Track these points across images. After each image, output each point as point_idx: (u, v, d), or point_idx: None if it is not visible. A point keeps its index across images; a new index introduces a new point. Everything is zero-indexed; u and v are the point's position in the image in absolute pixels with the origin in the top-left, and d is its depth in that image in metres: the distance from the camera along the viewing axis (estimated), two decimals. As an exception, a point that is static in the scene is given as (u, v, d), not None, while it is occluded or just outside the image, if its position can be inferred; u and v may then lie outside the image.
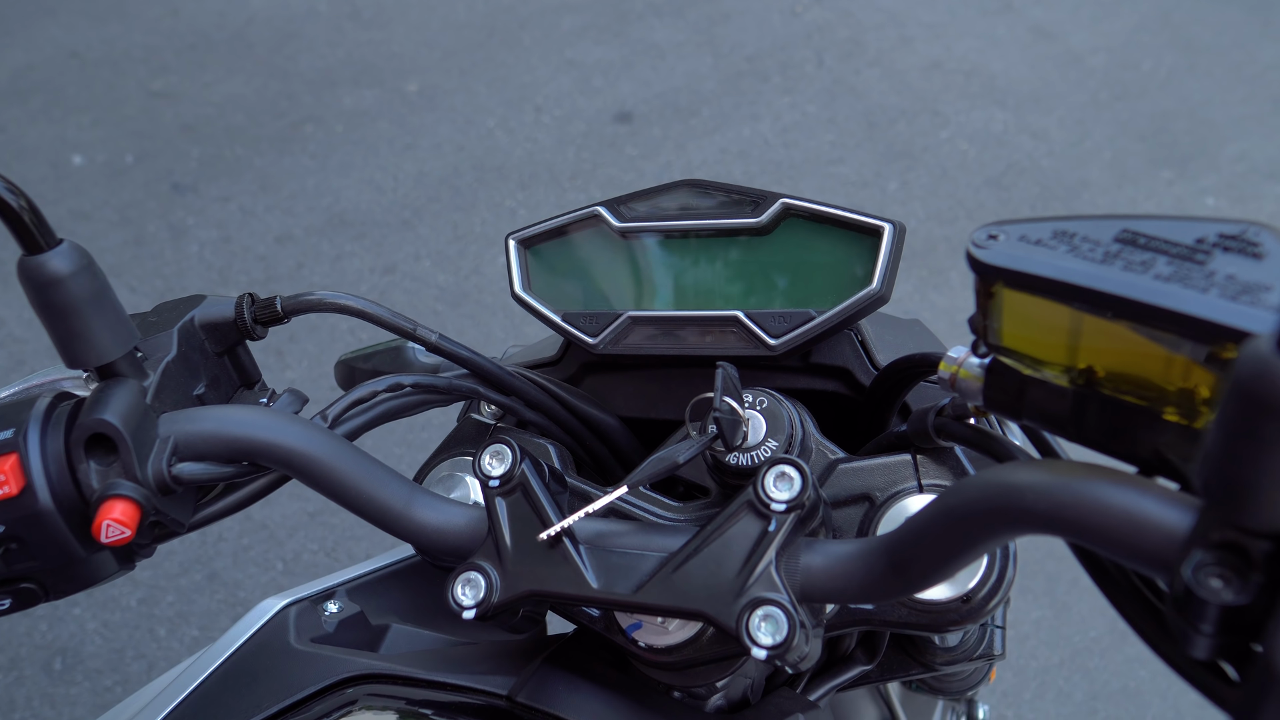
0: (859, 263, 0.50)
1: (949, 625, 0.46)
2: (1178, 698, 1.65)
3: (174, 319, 0.48)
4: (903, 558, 0.39)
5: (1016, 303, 0.34)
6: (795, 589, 0.41)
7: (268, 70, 2.85)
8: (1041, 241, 0.33)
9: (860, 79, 2.87)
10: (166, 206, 2.43)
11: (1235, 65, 2.99)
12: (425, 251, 2.32)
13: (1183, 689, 1.65)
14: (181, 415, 0.44)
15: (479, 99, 2.76)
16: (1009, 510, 0.33)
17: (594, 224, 0.55)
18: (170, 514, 0.43)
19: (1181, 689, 1.65)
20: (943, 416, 0.46)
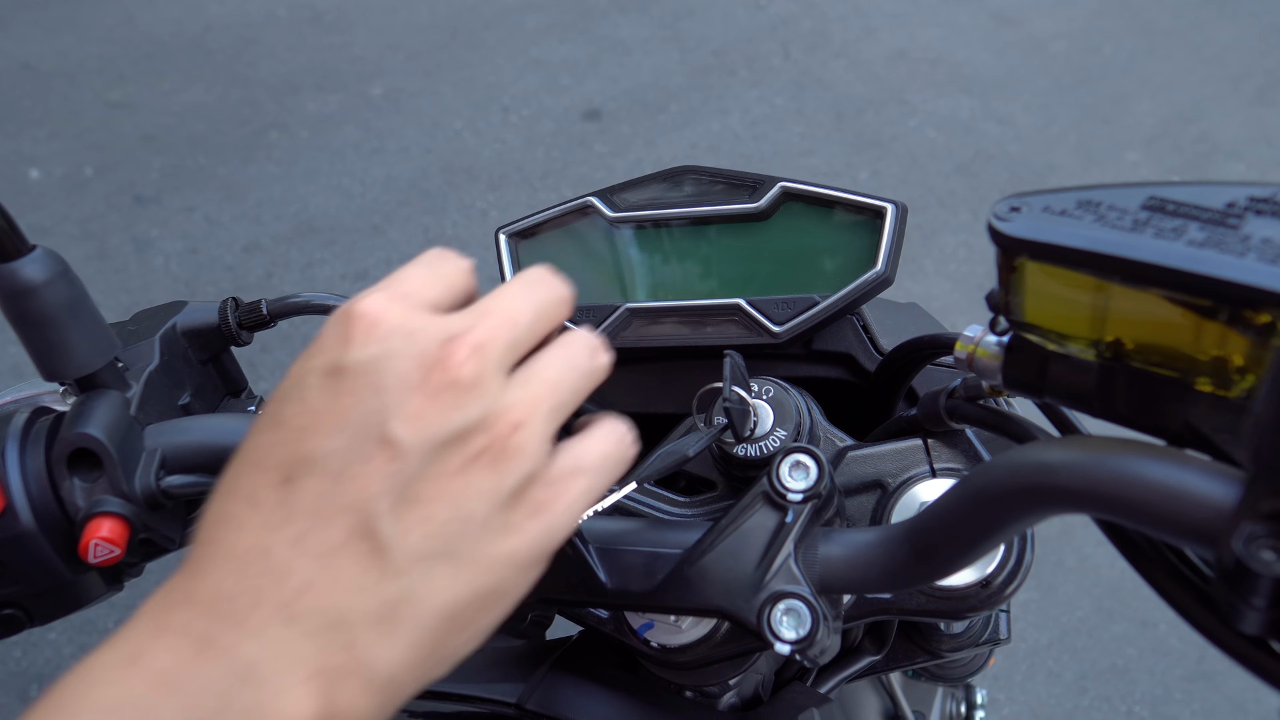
0: (861, 245, 0.49)
1: (968, 611, 0.45)
2: (1165, 673, 1.66)
3: (155, 327, 0.46)
4: (926, 543, 0.38)
5: (1041, 276, 0.33)
6: (815, 580, 0.40)
7: (228, 77, 2.80)
8: (1067, 212, 0.32)
9: (827, 70, 2.87)
10: (129, 219, 2.38)
11: (1194, 47, 3.02)
12: (397, 256, 2.29)
13: (1170, 665, 1.67)
14: (168, 426, 0.42)
15: (445, 101, 2.73)
16: (1042, 489, 0.32)
17: (587, 215, 0.54)
18: (160, 530, 0.41)
19: (1169, 665, 1.67)
20: (954, 398, 0.45)
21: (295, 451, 0.29)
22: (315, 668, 0.27)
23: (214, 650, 0.26)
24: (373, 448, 0.28)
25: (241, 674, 0.26)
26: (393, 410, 0.29)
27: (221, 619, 0.27)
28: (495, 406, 0.30)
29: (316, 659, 0.27)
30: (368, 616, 0.28)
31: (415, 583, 0.28)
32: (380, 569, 0.28)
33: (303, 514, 0.28)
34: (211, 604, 0.27)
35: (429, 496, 0.29)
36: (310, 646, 0.27)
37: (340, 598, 0.27)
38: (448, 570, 0.29)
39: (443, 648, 0.29)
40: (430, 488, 0.29)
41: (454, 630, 0.29)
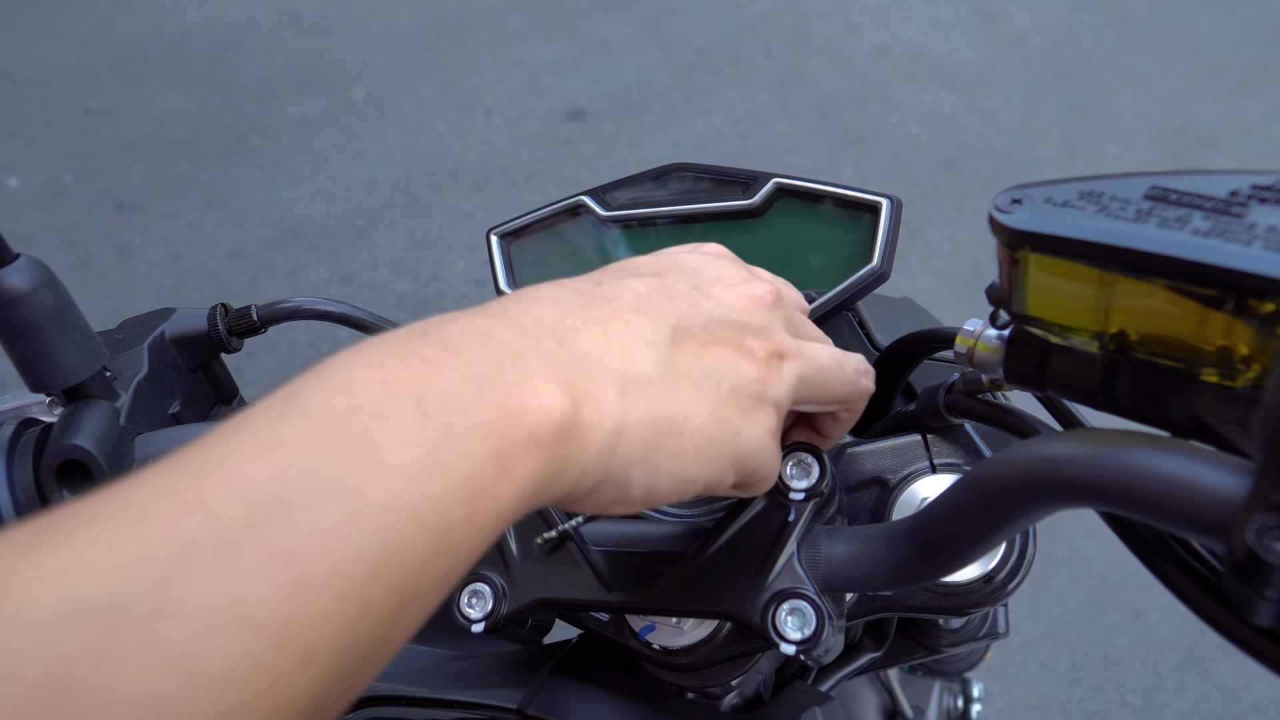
0: (856, 240, 0.49)
1: (972, 608, 0.44)
2: (1157, 663, 1.67)
3: (143, 335, 0.46)
4: (930, 540, 0.38)
5: (1044, 268, 0.32)
6: (818, 579, 0.40)
7: (208, 83, 2.78)
8: (1069, 203, 0.31)
9: (809, 67, 2.87)
10: (110, 226, 2.36)
11: (1172, 40, 3.04)
12: (382, 260, 2.28)
13: (1162, 654, 1.68)
14: (159, 436, 0.41)
15: (428, 103, 2.72)
16: (1049, 484, 0.32)
17: (579, 214, 0.53)
18: (153, 542, 0.40)
19: (1161, 654, 1.68)
20: (953, 393, 0.45)
21: (611, 273, 0.35)
22: (569, 380, 0.29)
23: (493, 337, 0.29)
24: (679, 292, 0.34)
25: (513, 358, 0.29)
26: (709, 282, 0.36)
27: (504, 323, 0.30)
28: (771, 332, 0.36)
29: (571, 374, 0.30)
30: (620, 371, 0.31)
31: (665, 380, 0.32)
32: (648, 353, 0.32)
33: (600, 298, 0.33)
34: (498, 313, 0.31)
35: (704, 343, 0.34)
36: (570, 365, 0.30)
37: (607, 349, 0.31)
38: (693, 395, 0.32)
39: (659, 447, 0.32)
40: (706, 338, 0.34)
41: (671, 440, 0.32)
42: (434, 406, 0.26)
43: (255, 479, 0.23)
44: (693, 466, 0.33)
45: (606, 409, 0.30)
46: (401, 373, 0.27)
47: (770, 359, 0.35)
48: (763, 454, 0.35)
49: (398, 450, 0.25)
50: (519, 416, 0.27)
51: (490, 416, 0.27)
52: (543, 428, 0.28)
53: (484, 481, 0.26)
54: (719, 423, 0.33)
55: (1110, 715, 1.62)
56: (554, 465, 0.29)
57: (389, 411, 0.25)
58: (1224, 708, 1.62)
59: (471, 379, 0.27)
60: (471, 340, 0.29)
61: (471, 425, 0.26)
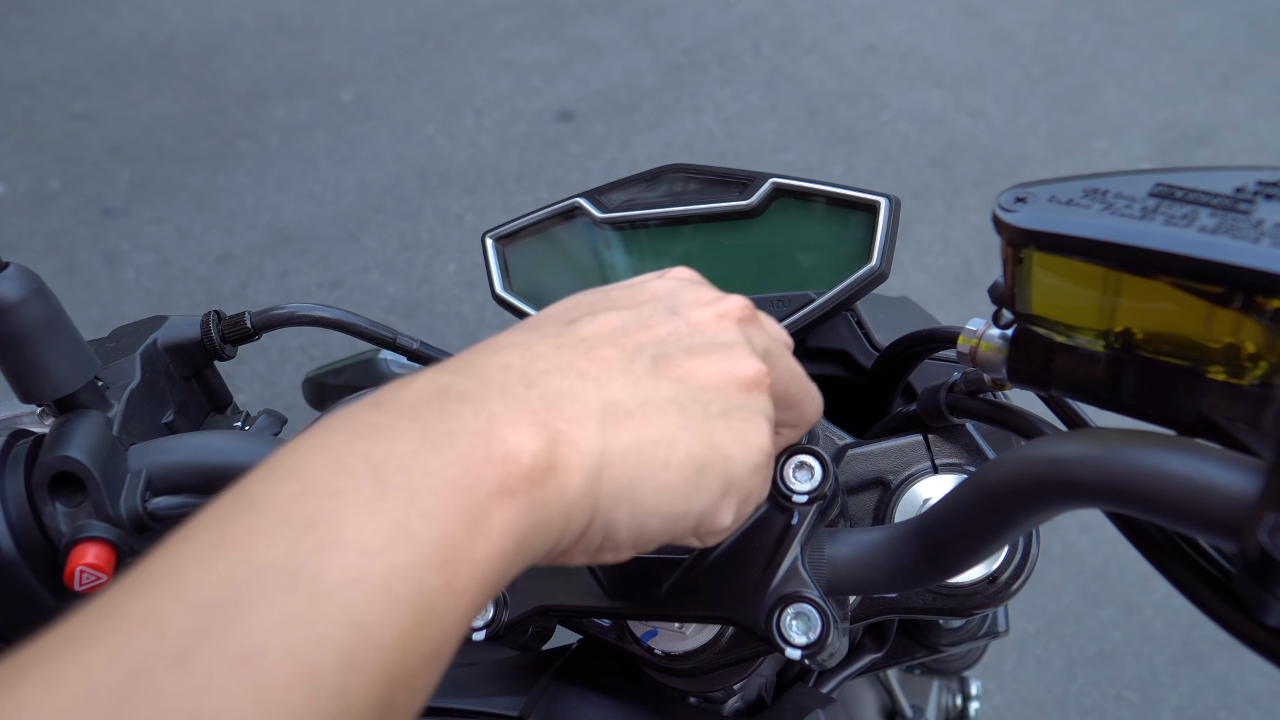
0: (855, 240, 0.49)
1: (975, 608, 0.44)
2: (1152, 657, 1.67)
3: (135, 343, 0.45)
4: (935, 542, 0.37)
5: (1049, 267, 0.32)
6: (822, 583, 0.40)
7: (195, 86, 2.76)
8: (1074, 201, 0.31)
9: (798, 66, 2.87)
10: (98, 232, 2.34)
11: (1158, 35, 3.06)
12: (373, 263, 2.27)
13: (1157, 648, 1.68)
14: (153, 446, 0.41)
15: (417, 105, 2.71)
16: (1056, 484, 0.32)
17: (575, 216, 0.53)
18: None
19: (1155, 648, 1.68)
20: (955, 393, 0.45)
21: (585, 309, 0.34)
22: (540, 421, 0.28)
23: (453, 395, 0.28)
24: (656, 320, 0.34)
25: (474, 408, 0.27)
26: (682, 309, 0.35)
27: (465, 377, 0.29)
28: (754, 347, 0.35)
29: (541, 414, 0.28)
30: (597, 403, 0.30)
31: (646, 408, 0.31)
32: (625, 383, 0.31)
33: (573, 337, 0.32)
34: (459, 369, 0.29)
35: (688, 368, 0.33)
36: (540, 405, 0.29)
37: (578, 385, 0.30)
38: (678, 420, 0.31)
39: (643, 482, 0.30)
40: (689, 363, 0.33)
41: (657, 474, 0.30)
42: (391, 473, 0.25)
43: (204, 584, 0.22)
44: (681, 500, 0.31)
45: (584, 446, 0.29)
46: (354, 446, 0.25)
47: (758, 374, 0.34)
48: (758, 475, 0.33)
49: (356, 525, 0.24)
50: (486, 468, 0.26)
51: (455, 473, 0.25)
52: (514, 475, 0.26)
53: (458, 542, 0.25)
54: (708, 448, 0.31)
55: (1106, 710, 1.63)
56: (534, 515, 0.27)
57: (342, 488, 0.24)
58: (1219, 701, 1.62)
59: (430, 437, 0.26)
60: (429, 400, 0.27)
61: (435, 485, 0.25)
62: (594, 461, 0.29)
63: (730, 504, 0.33)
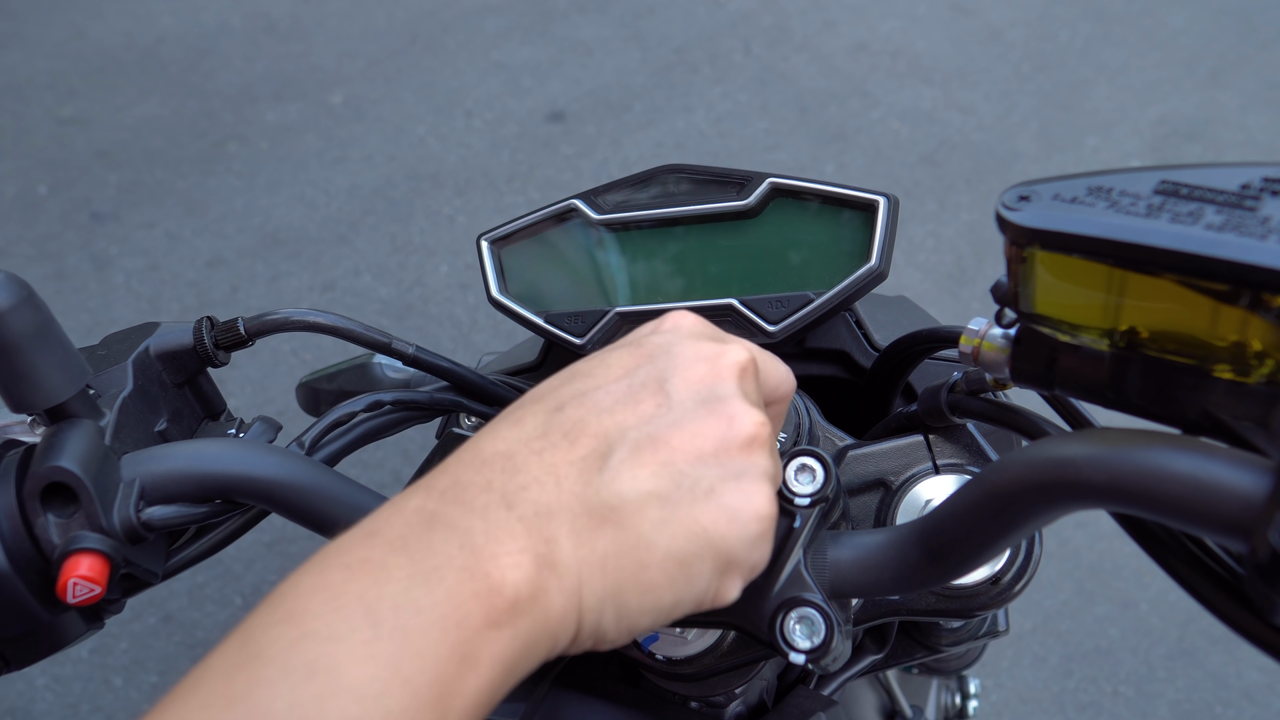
0: (853, 239, 0.48)
1: (978, 609, 0.44)
2: (1148, 652, 1.68)
3: (127, 350, 0.44)
4: (939, 544, 0.37)
5: (1053, 266, 0.32)
6: (825, 586, 0.39)
7: (183, 90, 2.75)
8: (1078, 199, 0.31)
9: (789, 65, 2.87)
10: (87, 237, 2.32)
11: (1147, 31, 3.06)
12: (364, 265, 2.26)
13: (1152, 643, 1.68)
14: (146, 455, 0.40)
15: (407, 107, 2.69)
16: (1062, 485, 0.31)
17: (571, 218, 0.52)
18: (142, 564, 0.39)
19: (1151, 644, 1.68)
20: (956, 393, 0.44)
21: (576, 390, 0.34)
22: (524, 545, 0.29)
23: (439, 522, 0.29)
24: (647, 394, 0.33)
25: (461, 539, 0.29)
26: (676, 370, 0.34)
27: (450, 502, 0.30)
28: (752, 398, 0.35)
29: (524, 539, 0.29)
30: (573, 517, 0.30)
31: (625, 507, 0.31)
32: (600, 483, 0.31)
33: (557, 433, 0.32)
34: (445, 491, 0.31)
35: (675, 444, 0.32)
36: (521, 529, 0.29)
37: (555, 497, 0.30)
38: (657, 515, 0.31)
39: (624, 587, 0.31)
40: (678, 437, 0.32)
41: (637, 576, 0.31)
42: (385, 613, 0.26)
43: None
44: (669, 595, 0.31)
45: (563, 566, 0.30)
46: (349, 585, 0.27)
47: (756, 427, 0.33)
48: (758, 546, 0.33)
49: (354, 672, 0.25)
50: (473, 603, 0.27)
51: (444, 611, 0.27)
52: (499, 609, 0.28)
53: (450, 679, 0.26)
54: (692, 537, 0.31)
55: (1103, 706, 1.63)
56: (520, 641, 0.28)
57: (340, 632, 0.26)
58: (1215, 695, 1.63)
59: (421, 574, 0.27)
60: (417, 531, 0.29)
61: (426, 626, 0.26)
62: (573, 581, 0.30)
63: (731, 580, 0.33)
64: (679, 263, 0.51)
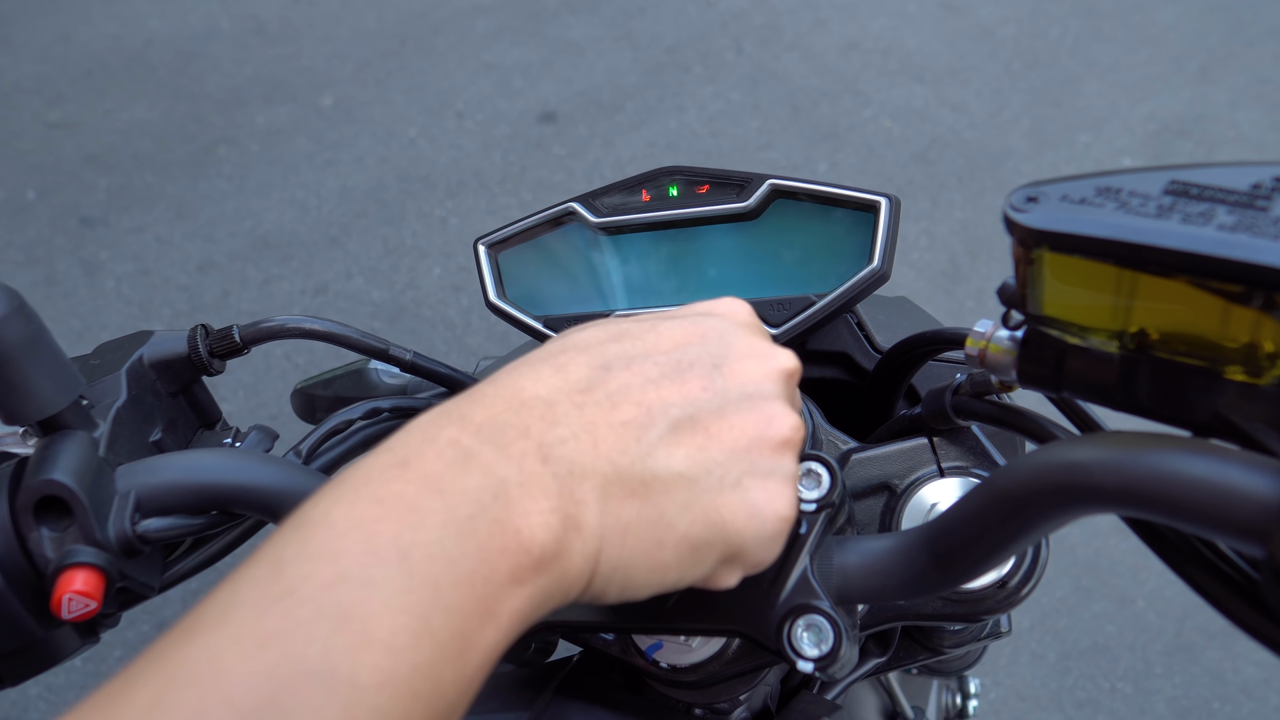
0: (855, 241, 0.48)
1: (985, 614, 0.44)
2: (1145, 649, 1.68)
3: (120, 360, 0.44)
4: (947, 549, 0.37)
5: (1061, 268, 0.32)
6: (832, 592, 0.39)
7: (173, 93, 2.73)
8: (1086, 200, 0.31)
9: (780, 64, 2.87)
10: (76, 242, 2.31)
11: (1137, 28, 3.07)
12: (357, 268, 2.25)
13: (1150, 640, 1.69)
14: (141, 466, 0.39)
15: (398, 108, 2.69)
16: (1074, 489, 0.31)
17: (569, 221, 0.52)
18: (139, 577, 0.39)
19: (1149, 640, 1.69)
20: (960, 395, 0.44)
21: (625, 351, 0.33)
22: (555, 505, 0.29)
23: (475, 464, 0.29)
24: (694, 374, 0.33)
25: (495, 487, 0.28)
26: (727, 359, 0.34)
27: (486, 440, 0.29)
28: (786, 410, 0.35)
29: (556, 498, 0.29)
30: (604, 482, 0.30)
31: (656, 483, 0.31)
32: (636, 456, 0.31)
33: (601, 391, 0.32)
34: (481, 427, 0.30)
35: (713, 431, 0.32)
36: (554, 486, 0.29)
37: (591, 459, 0.30)
38: (683, 498, 0.31)
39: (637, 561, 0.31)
40: (717, 424, 0.32)
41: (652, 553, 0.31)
42: (419, 562, 0.26)
43: (249, 685, 0.23)
44: (674, 574, 0.32)
45: (587, 530, 0.30)
46: (384, 524, 0.26)
47: (793, 431, 0.34)
48: (770, 545, 0.34)
49: (387, 622, 0.25)
50: (500, 558, 0.27)
51: (474, 564, 0.27)
52: (524, 566, 0.28)
53: (471, 633, 0.26)
54: (710, 526, 0.32)
55: (1101, 703, 1.63)
56: (537, 597, 0.29)
57: (375, 578, 0.25)
58: (1213, 691, 1.63)
59: (455, 521, 0.27)
60: (453, 470, 0.28)
61: (456, 578, 0.26)
62: (594, 546, 0.30)
63: (731, 570, 0.34)
64: (678, 265, 0.50)
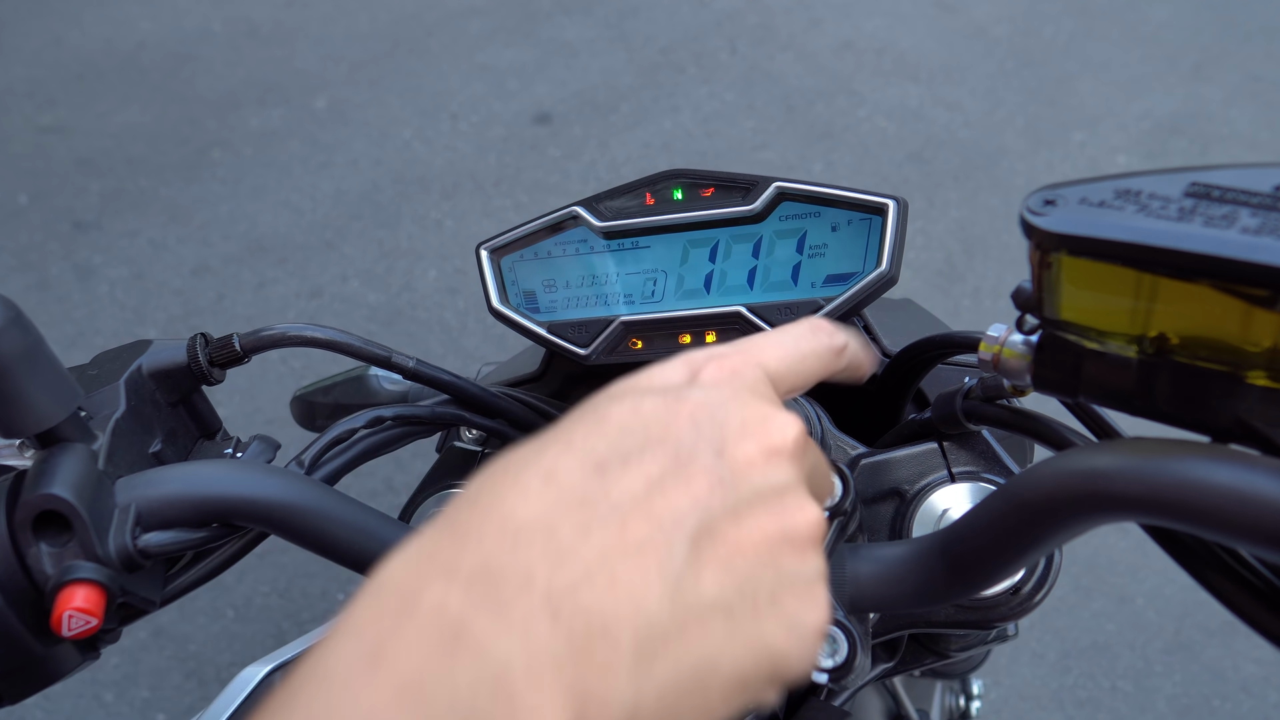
0: (862, 244, 0.47)
1: (998, 621, 0.43)
2: (1145, 647, 1.68)
3: (118, 370, 0.43)
4: (962, 556, 0.36)
5: (1080, 271, 0.31)
6: (844, 601, 0.38)
7: (165, 96, 2.72)
8: (1105, 203, 0.30)
9: (774, 64, 2.87)
10: (69, 246, 2.30)
11: (1131, 26, 3.08)
12: (352, 271, 2.24)
13: (1149, 638, 1.68)
14: (141, 479, 0.39)
15: (392, 110, 2.68)
16: (1095, 497, 0.31)
17: (573, 225, 0.51)
18: (140, 592, 0.38)
19: (1148, 638, 1.68)
20: (971, 399, 0.43)
21: (616, 445, 0.28)
22: (570, 682, 0.23)
23: (467, 645, 0.23)
24: (698, 470, 0.28)
25: (492, 679, 0.23)
26: (726, 442, 0.29)
27: (480, 601, 0.24)
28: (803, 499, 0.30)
29: (572, 671, 0.23)
30: (631, 632, 0.25)
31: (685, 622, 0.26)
32: (663, 592, 0.25)
33: (604, 505, 0.26)
34: (473, 579, 0.24)
35: (733, 541, 0.27)
36: (569, 655, 0.24)
37: (613, 604, 0.25)
38: (723, 629, 0.26)
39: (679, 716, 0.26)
40: (735, 531, 0.28)
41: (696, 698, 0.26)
42: None
43: None
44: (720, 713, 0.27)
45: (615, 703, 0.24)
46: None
47: (813, 525, 0.30)
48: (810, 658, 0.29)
49: None
50: None
51: None
52: None
53: None
54: (757, 658, 0.27)
55: (1102, 702, 1.63)
56: None
57: None
58: (1213, 689, 1.63)
59: None
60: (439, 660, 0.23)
61: None
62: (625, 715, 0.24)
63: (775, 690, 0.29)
64: (685, 270, 0.50)
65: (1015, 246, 2.30)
